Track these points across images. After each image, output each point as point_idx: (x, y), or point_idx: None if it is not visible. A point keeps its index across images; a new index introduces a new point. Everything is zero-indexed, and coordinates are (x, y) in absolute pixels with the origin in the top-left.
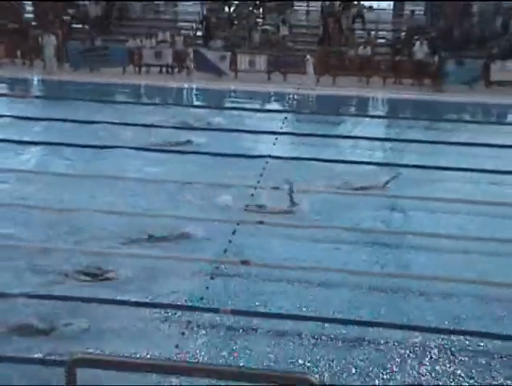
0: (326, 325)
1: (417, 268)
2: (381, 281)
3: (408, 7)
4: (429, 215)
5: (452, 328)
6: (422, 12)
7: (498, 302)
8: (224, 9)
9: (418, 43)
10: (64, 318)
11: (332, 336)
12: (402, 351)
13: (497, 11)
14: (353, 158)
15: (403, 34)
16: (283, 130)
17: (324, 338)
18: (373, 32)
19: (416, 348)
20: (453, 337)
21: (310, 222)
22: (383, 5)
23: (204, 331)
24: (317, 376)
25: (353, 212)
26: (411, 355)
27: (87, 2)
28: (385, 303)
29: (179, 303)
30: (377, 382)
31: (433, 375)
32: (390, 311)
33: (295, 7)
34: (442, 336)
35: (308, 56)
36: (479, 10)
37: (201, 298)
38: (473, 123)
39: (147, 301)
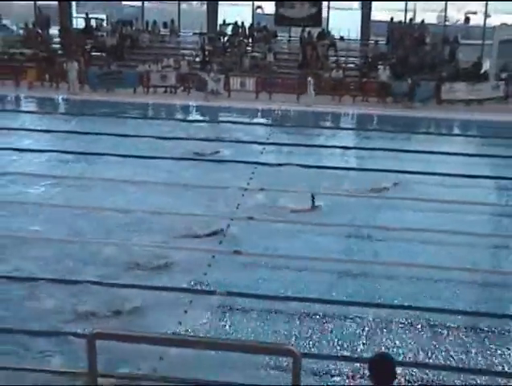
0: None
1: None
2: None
3: (372, 37)
4: (391, 211)
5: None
6: (384, 42)
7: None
8: (219, 39)
9: (381, 67)
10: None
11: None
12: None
13: (445, 42)
14: (327, 164)
15: (369, 60)
16: (270, 141)
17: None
18: (343, 58)
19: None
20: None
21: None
22: (352, 35)
23: None
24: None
25: None
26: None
27: (104, 33)
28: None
29: None
30: None
31: (397, 343)
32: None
33: (279, 37)
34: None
35: (310, 78)
36: (431, 40)
37: None
38: (427, 134)
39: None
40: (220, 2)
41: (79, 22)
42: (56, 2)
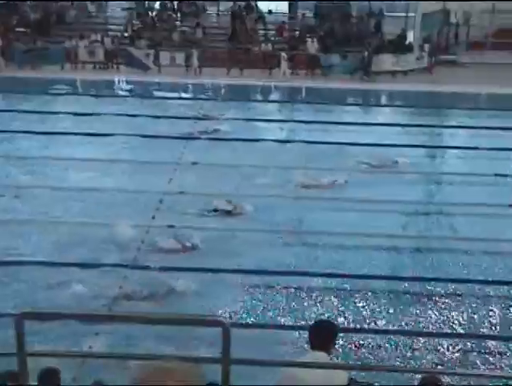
0: None
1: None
2: None
3: (300, 11)
4: None
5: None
6: (312, 15)
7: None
8: (147, 14)
9: (309, 40)
10: None
11: None
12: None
13: (370, 14)
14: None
15: (297, 33)
16: (202, 114)
17: None
18: (272, 32)
19: None
20: None
21: None
22: (280, 8)
23: None
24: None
25: None
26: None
27: (28, 10)
28: None
29: None
30: None
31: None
32: None
33: (208, 12)
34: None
35: (283, 54)
36: (357, 13)
37: None
38: (354, 105)
39: None
40: None
41: None
42: None
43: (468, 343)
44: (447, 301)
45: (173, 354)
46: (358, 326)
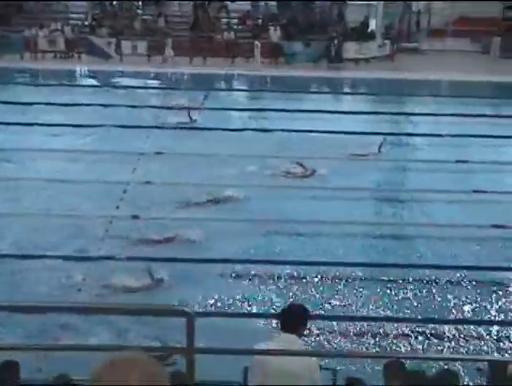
0: None
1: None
2: None
3: None
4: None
5: None
6: (274, 3)
7: None
8: (109, 2)
9: (272, 28)
10: None
11: None
12: None
13: (333, 2)
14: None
15: (260, 21)
16: (165, 103)
17: None
18: (235, 20)
19: None
20: None
21: None
22: None
23: None
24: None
25: None
26: None
27: None
28: None
29: None
30: None
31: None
32: None
33: (170, 0)
34: None
35: (257, 42)
36: (319, 1)
37: None
38: (318, 93)
39: None
40: None
41: None
42: None
43: (433, 328)
44: (419, 286)
45: (138, 345)
46: (333, 314)
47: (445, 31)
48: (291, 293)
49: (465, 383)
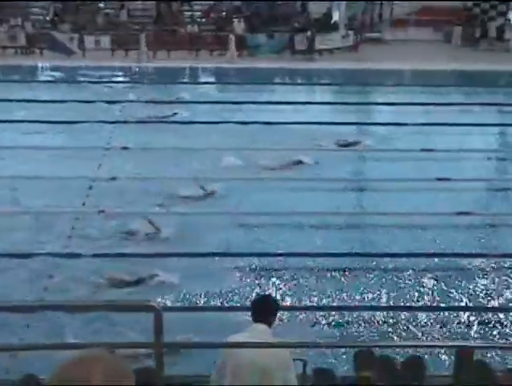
0: None
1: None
2: None
3: None
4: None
5: None
6: None
7: None
8: None
9: (236, 21)
10: None
11: None
12: None
13: None
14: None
15: (224, 14)
16: (129, 98)
17: None
18: (199, 13)
19: None
20: None
21: None
22: None
23: None
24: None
25: None
26: None
27: None
28: None
29: None
30: None
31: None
32: None
33: None
34: None
35: (231, 36)
36: None
37: None
38: (281, 84)
39: None
40: None
41: None
42: None
43: (401, 315)
44: (383, 275)
45: (105, 341)
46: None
47: (408, 21)
48: (269, 285)
49: (432, 369)
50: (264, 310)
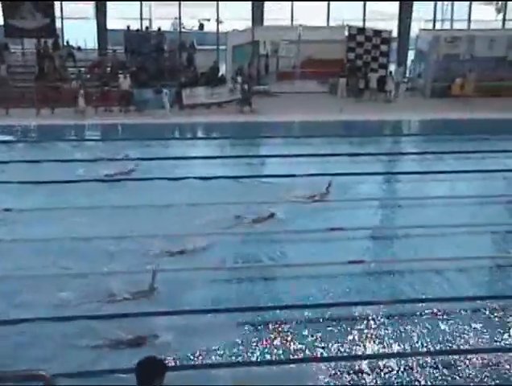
0: None
1: None
2: None
3: (111, 46)
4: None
5: None
6: (122, 50)
7: None
8: None
9: (122, 76)
10: None
11: None
12: None
13: (182, 48)
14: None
15: (109, 69)
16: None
17: None
18: (83, 69)
19: None
20: None
21: None
22: (89, 45)
23: None
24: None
25: None
26: None
27: None
28: None
29: None
30: None
31: None
32: None
33: (12, 50)
34: None
35: (81, 90)
36: (168, 47)
37: None
38: (173, 139)
39: None
40: None
41: None
42: None
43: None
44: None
45: None
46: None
47: (293, 73)
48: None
49: None
50: (149, 373)
